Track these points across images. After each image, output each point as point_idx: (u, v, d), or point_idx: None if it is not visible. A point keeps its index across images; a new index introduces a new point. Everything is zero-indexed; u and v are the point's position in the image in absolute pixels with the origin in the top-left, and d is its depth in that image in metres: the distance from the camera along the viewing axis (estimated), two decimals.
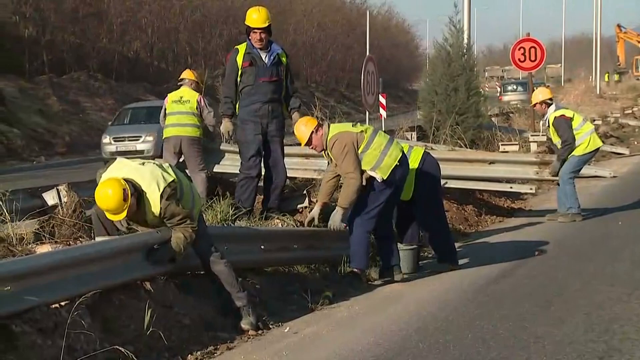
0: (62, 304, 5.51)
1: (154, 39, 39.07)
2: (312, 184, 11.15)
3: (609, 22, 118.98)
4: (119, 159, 6.48)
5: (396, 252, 8.27)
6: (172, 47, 40.80)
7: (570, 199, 11.78)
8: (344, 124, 8.53)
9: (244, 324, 6.56)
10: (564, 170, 11.73)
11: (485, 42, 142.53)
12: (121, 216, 6.11)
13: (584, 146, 11.80)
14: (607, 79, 63.13)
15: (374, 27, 54.42)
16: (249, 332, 6.54)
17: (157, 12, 38.25)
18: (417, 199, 8.56)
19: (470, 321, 6.56)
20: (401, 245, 8.51)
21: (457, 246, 9.86)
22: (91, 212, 6.65)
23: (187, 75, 11.06)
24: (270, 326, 6.74)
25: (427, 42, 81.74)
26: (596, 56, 49.82)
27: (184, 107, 10.57)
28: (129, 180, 6.13)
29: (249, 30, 9.20)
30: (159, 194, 6.19)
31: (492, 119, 23.74)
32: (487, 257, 9.33)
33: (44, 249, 6.54)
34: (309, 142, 7.93)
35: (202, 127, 10.70)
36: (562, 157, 11.69)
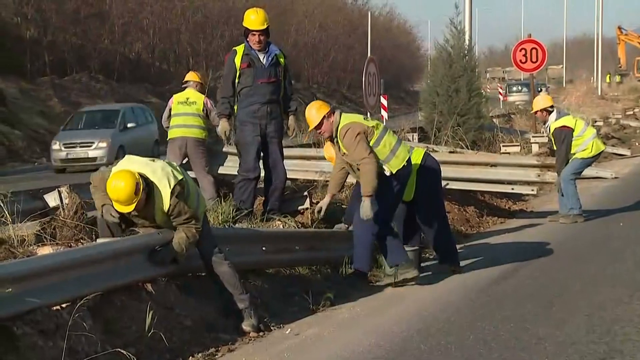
0: (64, 305, 5.51)
1: (155, 40, 39.09)
2: (313, 185, 11.15)
3: (611, 22, 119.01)
4: (128, 156, 6.48)
5: (402, 250, 8.15)
6: (174, 48, 40.83)
7: (571, 200, 11.79)
8: (355, 115, 8.50)
9: (246, 326, 6.56)
10: (566, 171, 11.75)
11: (486, 43, 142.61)
12: (129, 208, 6.12)
13: (587, 151, 11.87)
14: (608, 80, 63.15)
15: (376, 28, 54.40)
16: (251, 334, 6.53)
17: (159, 13, 38.28)
18: (418, 199, 8.55)
19: (471, 322, 6.56)
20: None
21: (458, 247, 9.86)
22: (95, 214, 6.63)
23: (191, 77, 11.06)
24: (271, 328, 6.73)
25: (428, 43, 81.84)
26: (597, 57, 49.84)
27: (190, 108, 10.53)
28: (141, 174, 6.16)
29: (247, 32, 9.20)
30: (170, 191, 6.22)
31: (494, 120, 23.74)
32: (489, 259, 9.32)
33: (45, 250, 6.54)
34: (319, 126, 7.87)
35: (207, 129, 10.69)
36: (559, 170, 11.78)
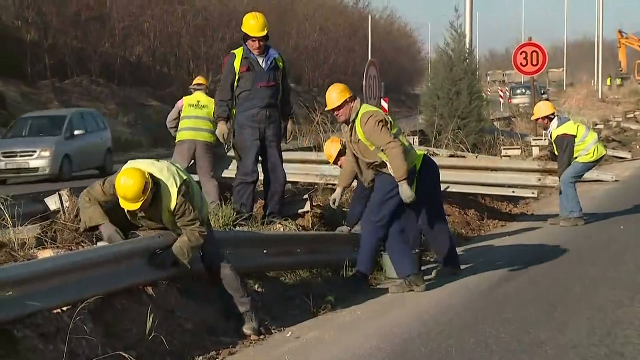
0: (64, 308, 5.51)
1: (156, 43, 39.10)
2: (313, 188, 11.15)
3: (612, 25, 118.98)
4: (130, 161, 6.48)
5: (411, 261, 8.06)
6: (174, 51, 40.84)
7: (571, 203, 11.80)
8: (374, 107, 8.53)
9: (246, 329, 6.56)
10: (566, 174, 11.77)
11: (487, 46, 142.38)
12: (135, 206, 6.14)
13: (590, 155, 11.91)
14: (609, 83, 63.20)
15: (376, 31, 54.40)
16: (251, 337, 6.53)
17: (159, 16, 38.28)
18: (418, 201, 8.54)
19: (472, 325, 6.56)
20: None
21: (459, 250, 9.85)
22: (104, 243, 6.51)
23: (201, 80, 11.06)
24: (272, 331, 6.73)
25: (429, 46, 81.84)
26: (598, 60, 49.87)
27: (201, 111, 10.45)
28: (150, 174, 6.19)
29: (247, 36, 9.18)
30: (177, 189, 6.25)
31: (494, 123, 23.76)
32: (489, 261, 9.32)
33: (45, 254, 6.53)
34: (339, 108, 7.84)
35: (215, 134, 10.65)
36: (560, 176, 11.83)
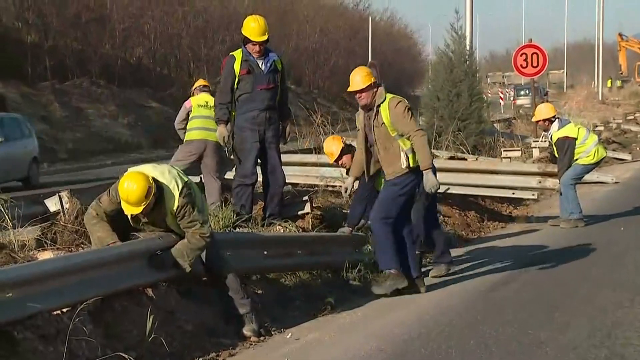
0: (64, 310, 5.50)
1: (156, 45, 39.08)
2: (313, 190, 11.15)
3: (613, 27, 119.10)
4: (130, 168, 6.48)
5: (395, 257, 7.93)
6: (175, 52, 40.82)
7: (572, 204, 11.81)
8: None
9: (246, 330, 6.55)
10: (566, 176, 11.79)
11: (487, 48, 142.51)
12: (137, 210, 6.15)
13: (590, 158, 11.94)
14: (609, 85, 63.22)
15: (377, 33, 54.47)
16: (251, 339, 6.52)
17: (160, 18, 38.27)
18: (415, 199, 8.53)
19: (472, 326, 6.55)
20: None
21: (460, 252, 9.88)
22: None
23: (205, 82, 11.16)
24: (272, 332, 6.73)
25: (429, 47, 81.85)
26: (598, 62, 49.89)
27: (210, 112, 10.35)
28: (154, 179, 6.20)
29: (247, 40, 9.17)
30: (179, 191, 6.28)
31: (495, 124, 23.77)
32: (490, 263, 9.32)
33: (45, 255, 6.54)
34: (363, 90, 7.82)
35: None
36: (560, 177, 11.85)
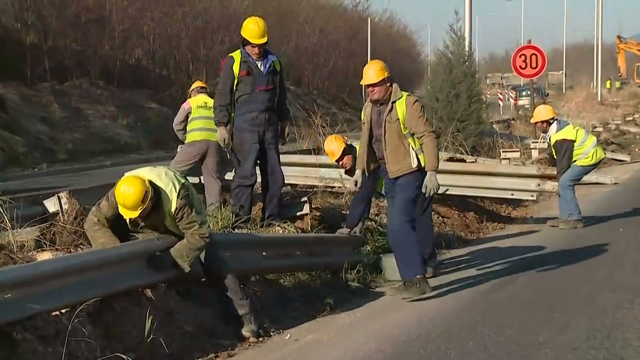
0: (63, 311, 5.50)
1: (155, 46, 39.03)
2: (313, 191, 11.15)
3: (612, 28, 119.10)
4: (127, 173, 6.48)
5: (420, 262, 7.79)
6: (174, 53, 40.79)
7: (570, 205, 11.82)
8: None
9: (245, 331, 6.56)
10: (565, 177, 11.81)
11: (486, 49, 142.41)
12: (134, 214, 6.15)
13: (589, 159, 11.96)
14: (608, 86, 63.23)
15: (376, 34, 54.44)
16: (250, 340, 6.53)
17: (159, 19, 38.23)
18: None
19: (472, 328, 6.55)
20: None
21: (459, 252, 9.88)
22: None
23: (203, 84, 11.19)
24: (271, 333, 6.73)
25: (428, 48, 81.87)
26: (597, 63, 49.88)
27: (210, 112, 10.30)
28: (151, 182, 6.20)
29: (246, 41, 9.16)
30: (177, 193, 6.28)
31: (494, 125, 23.78)
32: (489, 264, 9.32)
33: (44, 256, 6.53)
34: (376, 84, 7.76)
35: None
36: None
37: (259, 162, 9.33)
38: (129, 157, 26.16)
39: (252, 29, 9.08)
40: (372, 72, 7.75)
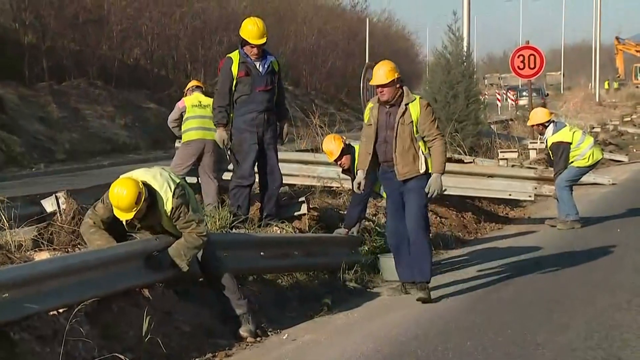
0: (61, 311, 5.50)
1: (153, 46, 39.02)
2: (310, 191, 11.15)
3: (611, 28, 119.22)
4: (122, 175, 6.48)
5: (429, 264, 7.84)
6: (172, 54, 40.78)
7: (567, 205, 11.82)
8: None
9: (243, 331, 6.55)
10: (561, 177, 11.82)
11: (485, 49, 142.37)
12: (128, 216, 6.15)
13: (585, 160, 11.97)
14: (607, 87, 63.30)
15: (374, 34, 54.47)
16: (248, 339, 6.52)
17: (157, 19, 38.22)
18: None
19: (470, 328, 6.55)
20: None
21: (456, 253, 9.88)
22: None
23: (199, 83, 11.16)
24: (268, 333, 6.73)
25: (426, 48, 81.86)
26: (595, 64, 49.90)
27: (205, 111, 10.29)
28: (145, 183, 6.19)
29: (245, 42, 9.15)
30: (172, 193, 6.28)
31: (492, 126, 23.79)
32: (487, 265, 9.32)
33: (42, 256, 6.53)
34: (386, 85, 7.64)
35: None
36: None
37: (257, 161, 9.33)
38: (127, 157, 26.15)
39: (252, 30, 9.07)
40: (383, 73, 7.66)
